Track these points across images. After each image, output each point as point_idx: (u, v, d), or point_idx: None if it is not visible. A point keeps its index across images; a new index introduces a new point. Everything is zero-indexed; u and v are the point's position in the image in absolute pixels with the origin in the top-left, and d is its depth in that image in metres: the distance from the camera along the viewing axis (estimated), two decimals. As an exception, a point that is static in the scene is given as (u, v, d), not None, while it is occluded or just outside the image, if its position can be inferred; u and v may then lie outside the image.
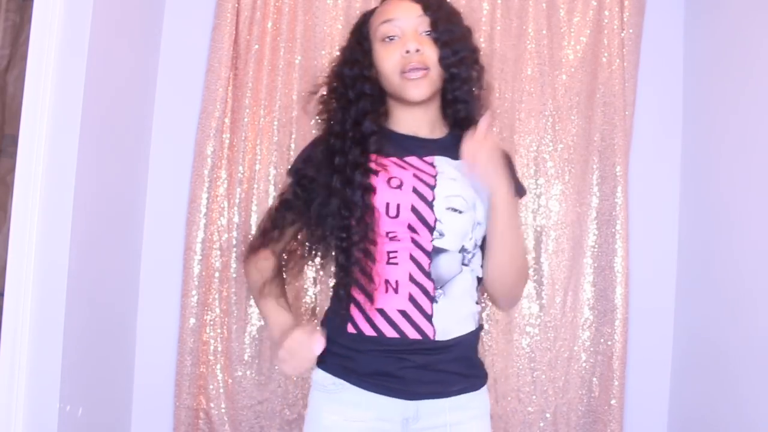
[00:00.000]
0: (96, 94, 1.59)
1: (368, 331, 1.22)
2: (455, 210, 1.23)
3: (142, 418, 1.98)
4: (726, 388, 1.73)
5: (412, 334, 1.21)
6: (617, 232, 1.95)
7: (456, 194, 1.24)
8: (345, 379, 1.24)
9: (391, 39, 1.28)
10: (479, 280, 1.31)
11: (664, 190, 2.06)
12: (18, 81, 1.74)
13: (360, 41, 1.35)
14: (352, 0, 2.01)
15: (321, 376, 1.27)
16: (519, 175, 1.42)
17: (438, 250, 1.22)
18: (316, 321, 1.34)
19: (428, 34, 1.28)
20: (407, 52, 1.25)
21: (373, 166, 1.25)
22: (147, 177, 2.02)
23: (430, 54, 1.27)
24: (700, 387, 1.86)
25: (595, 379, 1.96)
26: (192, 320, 1.92)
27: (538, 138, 2.01)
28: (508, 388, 1.94)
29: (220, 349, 1.95)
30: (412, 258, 1.21)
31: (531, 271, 1.98)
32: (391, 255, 1.22)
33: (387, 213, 1.21)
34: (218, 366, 1.94)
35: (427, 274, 1.21)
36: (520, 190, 1.37)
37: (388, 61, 1.28)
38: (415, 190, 1.22)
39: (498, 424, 1.92)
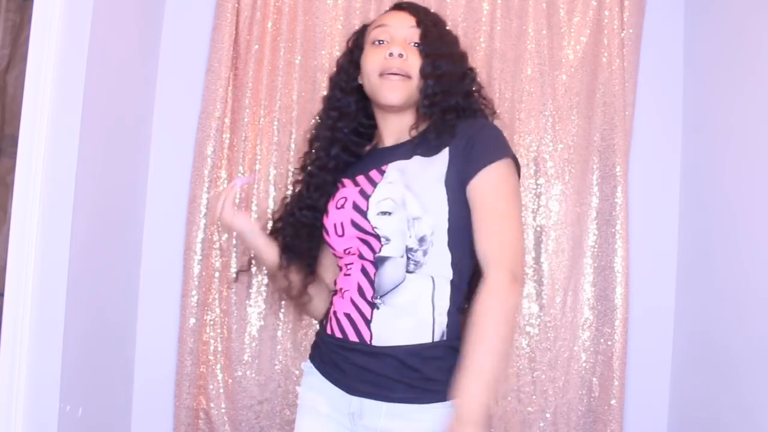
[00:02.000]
0: (96, 94, 1.59)
1: (328, 330, 1.31)
2: (384, 213, 1.23)
3: (142, 418, 1.98)
4: (726, 388, 1.73)
5: (352, 336, 1.25)
6: (617, 232, 1.95)
7: (384, 197, 1.24)
8: (312, 363, 1.34)
9: (380, 43, 1.32)
10: (453, 283, 1.23)
11: (664, 190, 2.06)
12: (18, 81, 1.74)
13: (352, 49, 1.41)
14: (352, 0, 2.01)
15: (308, 362, 1.38)
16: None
17: (382, 259, 1.24)
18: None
19: (416, 46, 1.31)
20: (390, 54, 1.29)
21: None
22: (147, 177, 2.02)
23: (413, 62, 1.30)
24: (700, 387, 1.86)
25: (595, 379, 1.96)
26: (192, 320, 1.92)
27: (538, 138, 2.01)
28: (508, 388, 1.94)
29: (220, 349, 1.95)
30: (363, 268, 1.27)
31: (531, 271, 1.98)
32: (347, 267, 1.29)
33: (336, 233, 1.28)
34: (218, 366, 1.94)
35: (371, 282, 1.25)
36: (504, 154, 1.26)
37: (372, 61, 1.32)
38: (354, 205, 1.26)
39: (498, 424, 1.92)
